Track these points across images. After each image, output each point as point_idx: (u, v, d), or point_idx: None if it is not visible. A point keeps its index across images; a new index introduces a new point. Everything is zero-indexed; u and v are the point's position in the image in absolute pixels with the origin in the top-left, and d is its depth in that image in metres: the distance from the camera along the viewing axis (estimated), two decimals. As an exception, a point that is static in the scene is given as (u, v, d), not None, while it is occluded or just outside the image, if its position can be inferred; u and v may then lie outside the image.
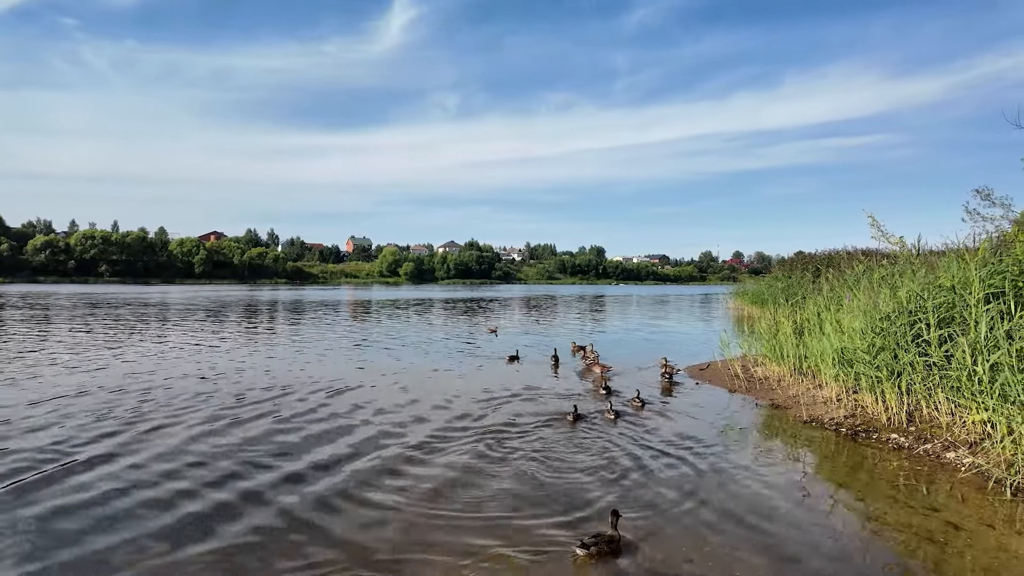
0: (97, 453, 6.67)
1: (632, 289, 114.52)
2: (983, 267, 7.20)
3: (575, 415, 8.48)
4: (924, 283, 8.03)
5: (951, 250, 9.22)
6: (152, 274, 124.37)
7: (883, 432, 7.57)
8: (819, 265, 23.71)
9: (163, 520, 4.97)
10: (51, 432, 7.48)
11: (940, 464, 6.45)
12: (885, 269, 10.38)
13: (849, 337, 8.78)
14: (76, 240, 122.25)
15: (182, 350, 15.54)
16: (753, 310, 29.77)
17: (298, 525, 4.91)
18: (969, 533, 4.81)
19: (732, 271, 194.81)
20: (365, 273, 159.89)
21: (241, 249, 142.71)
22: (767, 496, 5.65)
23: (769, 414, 9.04)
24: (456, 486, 5.80)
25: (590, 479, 6.05)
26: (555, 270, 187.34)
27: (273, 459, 6.57)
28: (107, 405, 9.01)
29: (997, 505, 5.33)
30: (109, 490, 5.59)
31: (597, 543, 4.34)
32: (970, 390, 6.62)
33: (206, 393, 9.96)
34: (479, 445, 7.15)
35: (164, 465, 6.32)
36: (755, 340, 12.92)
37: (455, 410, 9.03)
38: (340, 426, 8.05)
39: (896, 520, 5.10)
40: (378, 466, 6.36)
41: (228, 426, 7.92)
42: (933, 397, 7.43)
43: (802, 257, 31.50)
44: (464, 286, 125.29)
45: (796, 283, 23.16)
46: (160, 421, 8.11)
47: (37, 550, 4.41)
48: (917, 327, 7.67)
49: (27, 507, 5.17)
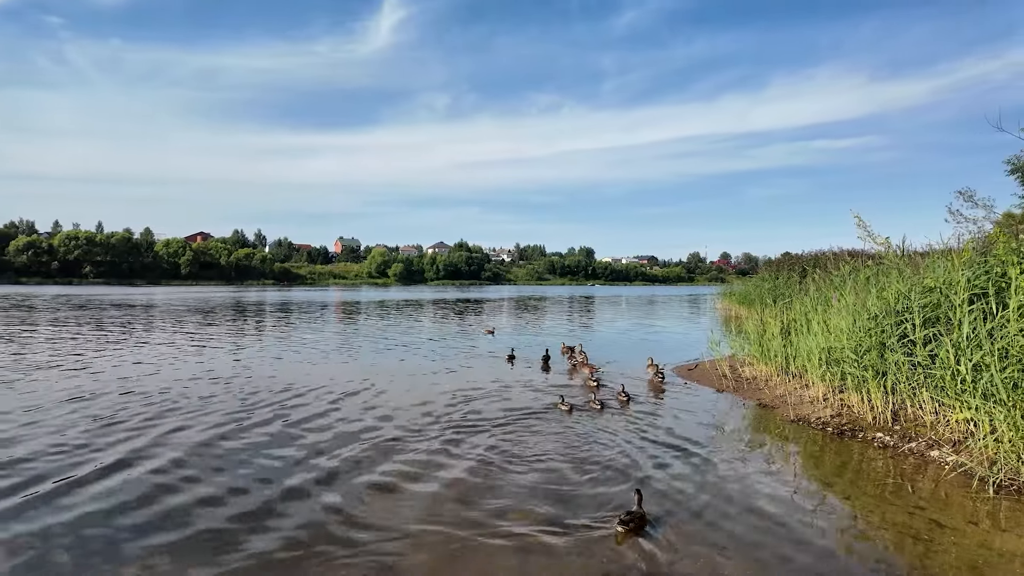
0: (113, 460, 6.56)
1: (621, 290, 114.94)
2: (968, 268, 7.29)
3: (570, 406, 9.14)
4: (910, 283, 8.12)
5: (935, 251, 9.34)
6: (137, 275, 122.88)
7: (869, 431, 7.64)
8: (806, 266, 23.94)
9: (187, 529, 4.90)
10: (59, 437, 7.36)
11: (925, 462, 6.51)
12: (871, 270, 10.47)
13: (836, 337, 8.85)
14: (59, 241, 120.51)
15: (178, 353, 15.37)
16: (741, 310, 29.97)
17: (336, 529, 4.86)
18: (953, 530, 4.86)
19: (720, 272, 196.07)
20: (354, 274, 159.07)
21: (228, 250, 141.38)
22: (753, 495, 5.66)
23: (757, 413, 9.09)
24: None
25: (582, 477, 6.05)
26: (544, 271, 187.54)
27: (306, 459, 6.51)
28: (114, 409, 8.87)
29: (980, 502, 5.39)
30: (130, 499, 5.51)
31: (632, 519, 4.80)
32: (954, 389, 6.69)
33: (214, 396, 9.85)
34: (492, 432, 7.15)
35: (186, 471, 6.23)
36: (743, 340, 13.00)
37: (470, 405, 9.01)
38: (367, 426, 8.06)
39: (882, 518, 5.14)
40: (417, 459, 6.37)
41: (238, 431, 7.82)
42: (918, 396, 7.51)
43: (789, 258, 31.80)
44: (454, 287, 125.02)
45: (783, 284, 23.35)
46: (175, 423, 8.01)
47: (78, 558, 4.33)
48: (903, 327, 7.75)
49: (57, 513, 5.07)
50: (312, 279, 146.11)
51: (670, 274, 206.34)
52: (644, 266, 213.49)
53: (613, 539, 4.69)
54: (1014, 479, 5.67)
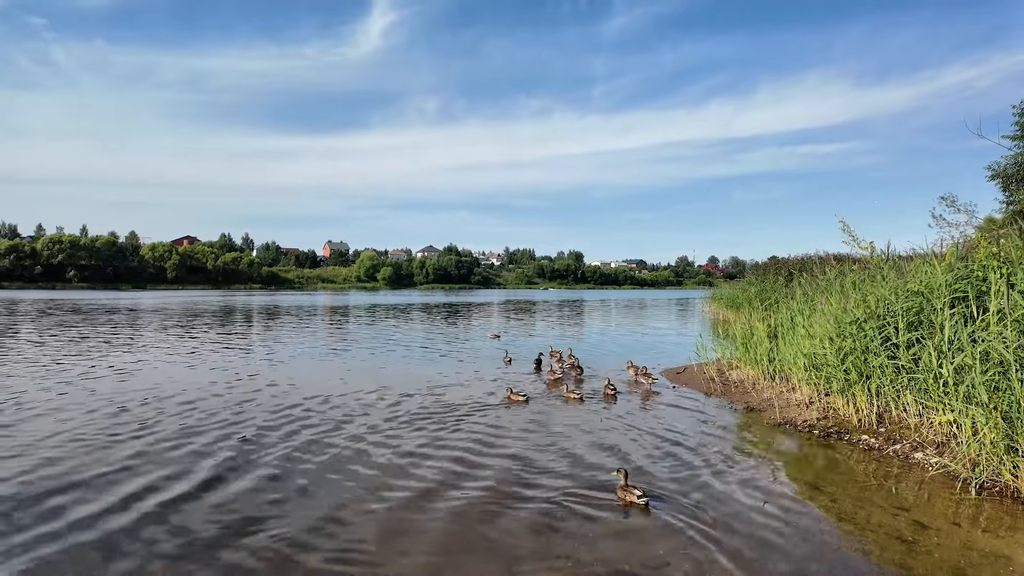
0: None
1: (610, 293, 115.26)
2: (949, 272, 7.40)
3: (525, 396, 10.12)
4: (892, 287, 8.22)
5: (918, 255, 9.46)
6: (123, 279, 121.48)
7: (854, 434, 7.72)
8: (792, 269, 24.17)
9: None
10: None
11: (909, 464, 6.59)
12: (856, 274, 10.59)
13: (820, 341, 8.94)
14: (43, 244, 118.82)
15: (218, 355, 15.19)
16: (729, 314, 30.17)
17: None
18: (937, 532, 4.92)
19: (708, 276, 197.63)
20: (342, 278, 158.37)
21: (215, 254, 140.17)
22: (740, 497, 5.70)
23: (744, 417, 9.15)
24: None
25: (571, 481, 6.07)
26: (534, 275, 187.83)
27: (353, 467, 6.47)
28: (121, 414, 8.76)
29: (963, 504, 5.47)
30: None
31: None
32: (936, 392, 6.78)
33: (242, 402, 9.76)
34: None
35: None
36: (730, 344, 13.09)
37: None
38: (418, 427, 8.02)
39: (866, 520, 5.19)
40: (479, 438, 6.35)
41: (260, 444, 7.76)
42: (902, 399, 7.60)
43: (775, 262, 32.11)
44: (443, 291, 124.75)
45: (769, 288, 23.55)
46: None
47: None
48: (886, 331, 7.84)
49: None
50: (300, 283, 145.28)
51: (659, 278, 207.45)
52: (633, 270, 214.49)
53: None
54: (996, 480, 5.76)
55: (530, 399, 10.17)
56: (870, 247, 10.86)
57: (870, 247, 10.86)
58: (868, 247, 10.84)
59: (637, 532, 4.92)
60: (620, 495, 5.58)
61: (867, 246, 10.82)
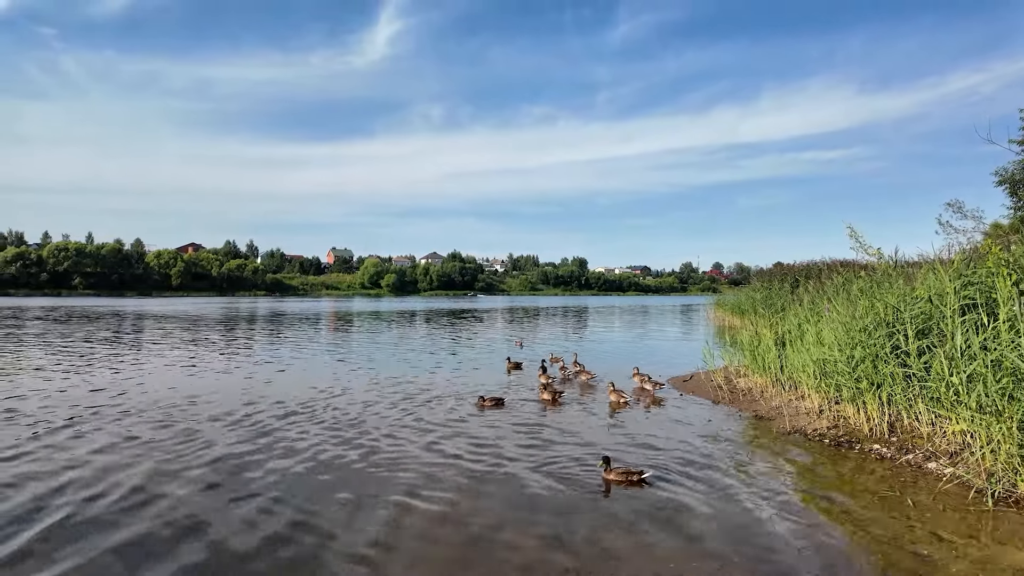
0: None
1: (614, 300, 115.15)
2: (957, 279, 7.33)
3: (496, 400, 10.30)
4: (901, 294, 8.15)
5: (927, 261, 9.39)
6: (128, 286, 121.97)
7: (865, 442, 7.64)
8: (797, 276, 24.04)
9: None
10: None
11: (922, 474, 6.51)
12: (864, 281, 10.52)
13: (829, 348, 8.87)
14: (49, 252, 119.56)
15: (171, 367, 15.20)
16: (734, 320, 30.04)
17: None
18: (952, 544, 4.84)
19: (712, 282, 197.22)
20: (346, 285, 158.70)
21: (220, 261, 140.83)
22: (751, 507, 5.64)
23: (753, 425, 9.08)
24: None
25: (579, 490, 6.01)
26: (538, 281, 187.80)
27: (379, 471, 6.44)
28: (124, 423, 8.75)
29: (978, 515, 5.38)
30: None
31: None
32: (948, 400, 6.70)
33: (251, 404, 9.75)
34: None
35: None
36: (737, 351, 13.01)
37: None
38: (459, 431, 7.99)
39: (880, 531, 5.12)
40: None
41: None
42: (914, 407, 7.51)
43: (781, 268, 31.92)
44: (447, 297, 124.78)
45: (775, 294, 23.43)
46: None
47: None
48: (896, 338, 7.77)
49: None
50: (304, 290, 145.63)
51: (663, 284, 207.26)
52: (637, 276, 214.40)
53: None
54: (1012, 491, 5.67)
55: (516, 403, 10.09)
56: (877, 253, 10.78)
57: (877, 253, 10.78)
58: (875, 253, 10.77)
59: (648, 546, 4.86)
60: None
61: (875, 252, 10.75)
